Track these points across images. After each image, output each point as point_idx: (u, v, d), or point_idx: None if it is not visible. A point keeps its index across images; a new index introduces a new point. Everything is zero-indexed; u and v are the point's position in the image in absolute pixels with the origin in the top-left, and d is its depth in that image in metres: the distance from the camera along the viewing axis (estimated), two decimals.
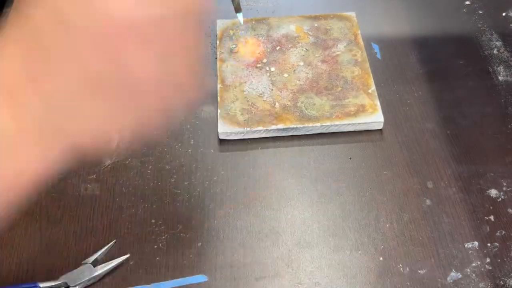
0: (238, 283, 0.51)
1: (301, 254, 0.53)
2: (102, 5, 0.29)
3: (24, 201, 0.34)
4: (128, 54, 0.30)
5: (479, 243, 0.53)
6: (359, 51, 0.67)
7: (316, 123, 0.60)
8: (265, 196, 0.57)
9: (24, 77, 0.31)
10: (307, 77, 0.64)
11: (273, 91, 0.63)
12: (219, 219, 0.55)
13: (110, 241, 0.53)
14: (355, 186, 0.57)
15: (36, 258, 0.52)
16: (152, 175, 0.58)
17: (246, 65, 0.66)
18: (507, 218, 0.55)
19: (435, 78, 0.66)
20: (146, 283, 0.51)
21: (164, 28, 0.31)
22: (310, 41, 0.68)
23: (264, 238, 0.54)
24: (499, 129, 0.62)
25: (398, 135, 0.61)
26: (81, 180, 0.58)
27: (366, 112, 0.61)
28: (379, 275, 0.51)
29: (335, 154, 0.60)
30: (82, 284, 0.50)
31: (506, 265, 0.52)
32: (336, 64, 0.66)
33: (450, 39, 0.71)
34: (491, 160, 0.59)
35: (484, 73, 0.67)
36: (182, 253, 0.53)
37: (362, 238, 0.54)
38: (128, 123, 0.34)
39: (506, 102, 0.64)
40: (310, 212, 0.56)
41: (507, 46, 0.69)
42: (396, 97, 0.65)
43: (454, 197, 0.56)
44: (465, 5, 0.75)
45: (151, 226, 0.54)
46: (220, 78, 0.64)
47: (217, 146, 0.61)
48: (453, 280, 0.51)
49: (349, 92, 0.63)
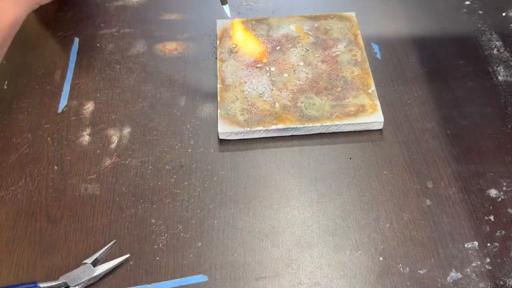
0: (238, 283, 0.51)
1: (301, 254, 0.53)
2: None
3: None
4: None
5: (479, 243, 0.53)
6: (359, 51, 0.67)
7: (316, 123, 0.60)
8: (265, 196, 0.57)
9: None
10: (307, 77, 0.65)
11: (273, 91, 0.63)
12: (219, 219, 0.55)
13: (110, 241, 0.53)
14: (355, 186, 0.57)
15: (36, 258, 0.53)
16: (152, 175, 0.58)
17: (246, 65, 0.66)
18: (507, 218, 0.55)
19: (435, 78, 0.67)
20: (146, 283, 0.51)
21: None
22: (310, 41, 0.68)
23: (264, 238, 0.54)
24: (499, 129, 0.62)
25: (398, 135, 0.61)
26: (81, 180, 0.58)
27: (366, 112, 0.61)
28: (379, 275, 0.51)
29: (335, 154, 0.60)
30: (82, 284, 0.50)
31: (506, 265, 0.52)
32: (336, 64, 0.66)
33: (450, 39, 0.71)
34: (491, 160, 0.59)
35: (484, 73, 0.67)
36: (182, 253, 0.53)
37: (362, 238, 0.54)
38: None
39: (506, 102, 0.64)
40: (310, 212, 0.56)
41: (507, 46, 0.69)
42: (396, 97, 0.65)
43: (454, 197, 0.56)
44: (465, 5, 0.75)
45: (151, 226, 0.55)
46: (220, 78, 0.65)
47: (217, 146, 0.61)
48: (453, 280, 0.51)
49: (349, 92, 0.63)
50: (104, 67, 0.68)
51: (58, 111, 0.64)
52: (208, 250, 0.53)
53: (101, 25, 0.73)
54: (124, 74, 0.68)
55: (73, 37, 0.72)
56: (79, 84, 0.67)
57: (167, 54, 0.70)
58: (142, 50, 0.70)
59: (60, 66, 0.68)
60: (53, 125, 0.63)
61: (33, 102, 0.65)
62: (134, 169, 0.59)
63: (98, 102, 0.65)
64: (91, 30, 0.72)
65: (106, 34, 0.72)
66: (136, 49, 0.70)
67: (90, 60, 0.69)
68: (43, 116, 0.63)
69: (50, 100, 0.65)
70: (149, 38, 0.72)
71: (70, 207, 0.56)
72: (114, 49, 0.70)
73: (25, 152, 0.60)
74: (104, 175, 0.58)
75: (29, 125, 0.63)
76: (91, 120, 0.63)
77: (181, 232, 0.54)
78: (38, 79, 0.67)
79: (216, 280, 0.51)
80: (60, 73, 0.68)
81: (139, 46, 0.71)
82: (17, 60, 0.68)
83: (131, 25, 0.73)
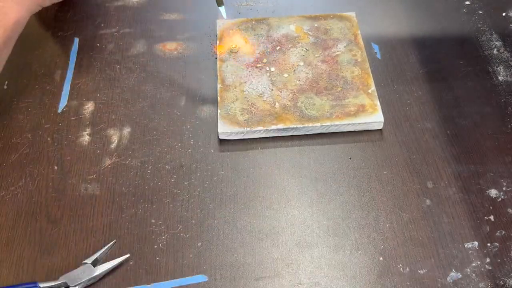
0: (238, 283, 0.51)
1: (301, 254, 0.53)
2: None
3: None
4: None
5: (479, 243, 0.53)
6: (359, 51, 0.67)
7: (316, 123, 0.60)
8: (265, 196, 0.57)
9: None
10: (307, 77, 0.65)
11: (273, 91, 0.63)
12: (219, 219, 0.55)
13: (110, 241, 0.53)
14: (355, 186, 0.57)
15: (36, 258, 0.53)
16: (152, 175, 0.58)
17: (246, 65, 0.66)
18: (507, 218, 0.55)
19: (435, 78, 0.67)
20: (146, 283, 0.51)
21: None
22: (310, 41, 0.68)
23: (264, 238, 0.54)
24: (499, 129, 0.62)
25: (398, 135, 0.61)
26: (81, 180, 0.58)
27: (366, 112, 0.61)
28: (379, 275, 0.51)
29: (335, 154, 0.60)
30: (82, 284, 0.50)
31: (506, 265, 0.52)
32: (336, 64, 0.66)
33: (450, 39, 0.71)
34: (491, 160, 0.59)
35: (484, 73, 0.67)
36: (182, 253, 0.53)
37: (362, 238, 0.54)
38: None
39: (506, 102, 0.64)
40: (310, 212, 0.56)
41: (507, 46, 0.69)
42: (396, 97, 0.65)
43: (454, 197, 0.56)
44: (465, 5, 0.75)
45: (151, 226, 0.55)
46: (220, 78, 0.65)
47: (217, 146, 0.61)
48: (453, 280, 0.51)
49: (349, 92, 0.63)
50: (104, 67, 0.68)
51: (58, 111, 0.64)
52: (208, 250, 0.53)
53: (101, 25, 0.73)
54: (124, 74, 0.68)
55: (73, 37, 0.72)
56: (79, 84, 0.67)
57: (167, 54, 0.70)
58: (142, 50, 0.70)
59: (60, 66, 0.68)
60: (53, 125, 0.63)
61: (33, 102, 0.65)
62: (134, 169, 0.59)
63: (98, 102, 0.65)
64: (91, 30, 0.72)
65: (106, 34, 0.72)
66: (136, 49, 0.70)
67: (90, 60, 0.69)
68: (43, 116, 0.63)
69: (50, 100, 0.65)
70: (149, 38, 0.72)
71: (70, 207, 0.56)
72: (114, 49, 0.70)
73: (25, 152, 0.60)
74: (104, 175, 0.58)
75: (29, 125, 0.63)
76: (91, 120, 0.63)
77: (181, 232, 0.54)
78: (38, 79, 0.67)
79: (216, 280, 0.51)
80: (60, 73, 0.68)
81: (139, 46, 0.71)
82: (17, 60, 0.68)
83: (131, 25, 0.73)
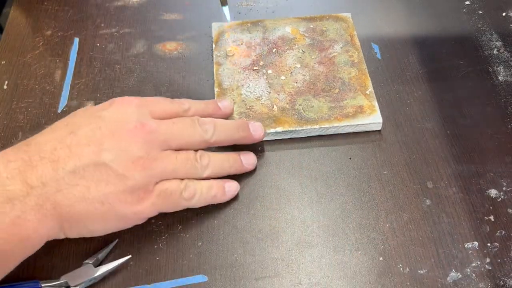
0: (238, 283, 0.51)
1: (301, 254, 0.53)
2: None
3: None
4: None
5: (479, 243, 0.53)
6: (356, 52, 0.67)
7: (315, 126, 0.60)
8: (265, 196, 0.57)
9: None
10: (304, 79, 0.64)
11: (270, 94, 0.63)
12: (219, 219, 0.55)
13: (111, 241, 0.53)
14: (355, 186, 0.57)
15: (37, 258, 0.52)
16: None
17: (243, 68, 0.66)
18: (507, 218, 0.55)
19: (435, 78, 0.67)
20: (146, 283, 0.51)
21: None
22: (306, 42, 0.68)
23: (264, 238, 0.54)
24: (499, 129, 0.62)
25: (397, 135, 0.61)
26: None
27: (364, 113, 0.61)
28: (379, 275, 0.51)
29: (335, 154, 0.60)
30: (83, 284, 0.50)
31: (506, 265, 0.52)
32: (333, 66, 0.66)
33: (450, 39, 0.71)
34: (491, 160, 0.59)
35: (484, 73, 0.67)
36: (182, 253, 0.53)
37: (362, 238, 0.54)
38: None
39: (506, 102, 0.64)
40: (310, 212, 0.56)
41: (507, 46, 0.69)
42: (396, 97, 0.65)
43: (454, 197, 0.56)
44: (465, 5, 0.75)
45: (151, 226, 0.55)
46: (217, 81, 0.64)
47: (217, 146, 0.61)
48: (453, 280, 0.51)
49: (346, 93, 0.63)
50: (104, 67, 0.68)
51: (58, 111, 0.64)
52: (208, 250, 0.53)
53: (101, 25, 0.73)
54: (124, 74, 0.68)
55: (73, 37, 0.72)
56: (79, 84, 0.67)
57: (167, 54, 0.70)
58: (142, 50, 0.70)
59: (60, 66, 0.68)
60: None
61: (33, 102, 0.65)
62: None
63: (98, 102, 0.65)
64: (91, 30, 0.72)
65: (106, 34, 0.72)
66: (136, 49, 0.70)
67: (90, 60, 0.69)
68: (43, 116, 0.63)
69: (50, 100, 0.65)
70: (149, 38, 0.72)
71: None
72: (114, 49, 0.70)
73: None
74: None
75: (29, 125, 0.63)
76: None
77: (181, 232, 0.54)
78: (38, 79, 0.67)
79: (216, 280, 0.51)
80: (60, 73, 0.68)
81: (139, 46, 0.71)
82: (17, 60, 0.68)
83: (131, 25, 0.73)
